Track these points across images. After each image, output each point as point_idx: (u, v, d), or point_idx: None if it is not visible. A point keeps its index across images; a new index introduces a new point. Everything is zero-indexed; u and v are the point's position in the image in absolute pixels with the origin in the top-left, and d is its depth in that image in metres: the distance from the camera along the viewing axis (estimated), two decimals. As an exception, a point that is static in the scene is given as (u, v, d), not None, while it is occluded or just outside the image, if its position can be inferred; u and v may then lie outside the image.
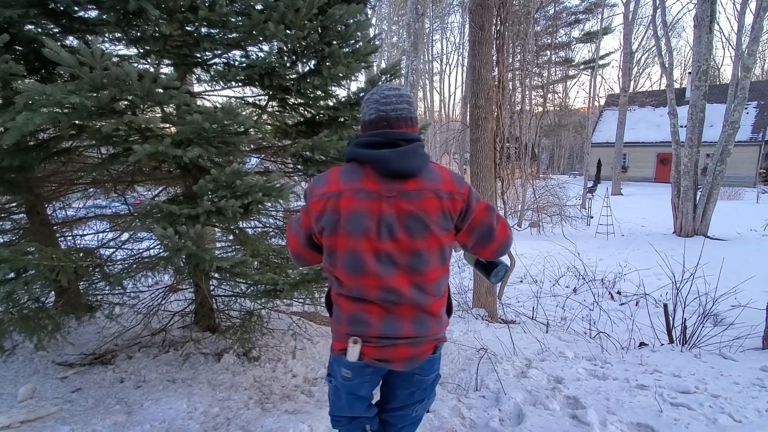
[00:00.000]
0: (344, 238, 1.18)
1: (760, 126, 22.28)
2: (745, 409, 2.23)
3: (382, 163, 1.16)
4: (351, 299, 1.23)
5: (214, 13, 1.95)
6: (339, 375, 1.31)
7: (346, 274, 1.20)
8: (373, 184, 1.17)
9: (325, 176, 1.23)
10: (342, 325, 1.25)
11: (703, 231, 10.13)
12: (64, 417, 2.12)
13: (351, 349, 1.21)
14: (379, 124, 1.20)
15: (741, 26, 12.93)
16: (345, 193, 1.17)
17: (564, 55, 29.82)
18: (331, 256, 1.22)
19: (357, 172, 1.19)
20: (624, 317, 4.64)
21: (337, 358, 1.30)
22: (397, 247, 1.18)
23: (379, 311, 1.21)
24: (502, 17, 4.87)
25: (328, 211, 1.17)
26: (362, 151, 1.19)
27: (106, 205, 4.05)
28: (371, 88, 2.66)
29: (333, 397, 1.41)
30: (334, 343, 1.31)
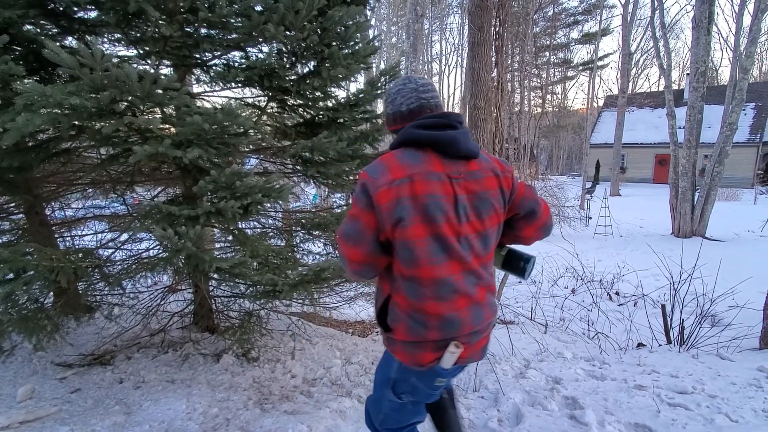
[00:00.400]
0: (425, 226, 1.10)
1: (758, 127, 22.36)
2: (742, 409, 2.24)
3: (452, 143, 1.13)
4: (438, 298, 1.14)
5: (215, 14, 1.95)
6: (422, 389, 1.24)
7: (432, 265, 1.11)
8: (440, 167, 1.13)
9: (381, 164, 1.12)
10: (430, 332, 1.15)
11: (701, 232, 10.16)
12: (63, 417, 2.12)
13: (450, 355, 1.15)
14: (422, 112, 1.20)
15: (739, 28, 12.99)
16: (416, 177, 1.09)
17: (563, 57, 29.90)
18: (410, 251, 1.11)
19: (418, 155, 1.13)
20: (622, 318, 4.65)
21: (422, 373, 1.20)
22: (472, 229, 1.16)
23: (465, 302, 1.16)
24: (501, 19, 4.89)
25: (402, 199, 1.08)
26: (426, 133, 1.13)
27: (105, 205, 4.05)
28: (371, 89, 2.70)
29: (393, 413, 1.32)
30: (418, 356, 1.17)
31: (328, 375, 2.83)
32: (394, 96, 1.24)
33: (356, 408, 2.35)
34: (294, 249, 3.23)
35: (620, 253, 8.99)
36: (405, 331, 1.17)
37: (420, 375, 1.20)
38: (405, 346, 1.19)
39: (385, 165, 1.12)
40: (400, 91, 1.23)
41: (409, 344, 1.18)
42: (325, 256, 3.20)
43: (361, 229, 1.13)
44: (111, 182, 3.04)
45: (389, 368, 1.27)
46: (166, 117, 2.01)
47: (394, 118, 1.24)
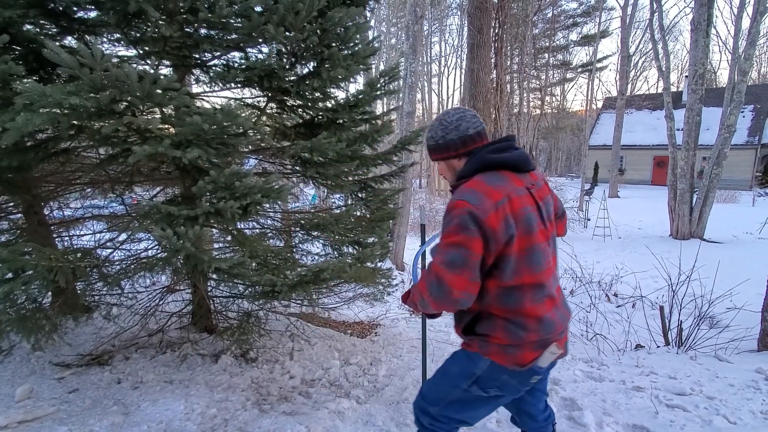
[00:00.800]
0: (525, 238, 1.22)
1: (756, 129, 22.43)
2: (740, 410, 2.25)
3: (524, 161, 1.30)
4: (536, 302, 1.26)
5: (215, 15, 1.96)
6: (514, 386, 1.32)
7: (534, 274, 1.24)
8: (519, 182, 1.28)
9: (476, 191, 1.21)
10: (531, 334, 1.25)
11: (700, 234, 10.18)
12: (61, 417, 2.11)
13: (550, 355, 1.27)
14: (483, 136, 1.35)
15: (738, 30, 13.05)
16: (511, 195, 1.22)
17: (562, 58, 29.97)
18: (515, 262, 1.21)
19: (499, 175, 1.27)
20: (620, 319, 4.66)
21: (519, 372, 1.28)
22: (550, 231, 1.35)
23: (551, 304, 1.30)
24: (500, 20, 4.90)
25: (507, 218, 1.19)
26: (503, 155, 1.28)
27: (103, 205, 4.05)
28: (370, 91, 2.70)
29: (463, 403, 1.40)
30: (518, 357, 1.26)
31: (326, 376, 2.82)
32: (457, 123, 1.34)
33: (354, 409, 2.35)
34: (293, 249, 3.23)
35: (619, 254, 9.01)
36: (504, 335, 1.27)
37: (515, 374, 1.29)
38: (504, 348, 1.28)
39: (481, 191, 1.21)
40: (462, 117, 1.35)
41: (508, 347, 1.27)
42: (324, 256, 3.20)
43: (467, 255, 1.18)
44: (110, 182, 3.04)
45: (474, 365, 1.34)
46: (166, 117, 2.01)
47: (462, 142, 1.34)
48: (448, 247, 1.21)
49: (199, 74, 2.68)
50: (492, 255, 1.21)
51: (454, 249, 1.20)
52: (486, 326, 1.30)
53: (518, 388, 1.35)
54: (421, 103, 30.44)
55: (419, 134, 3.25)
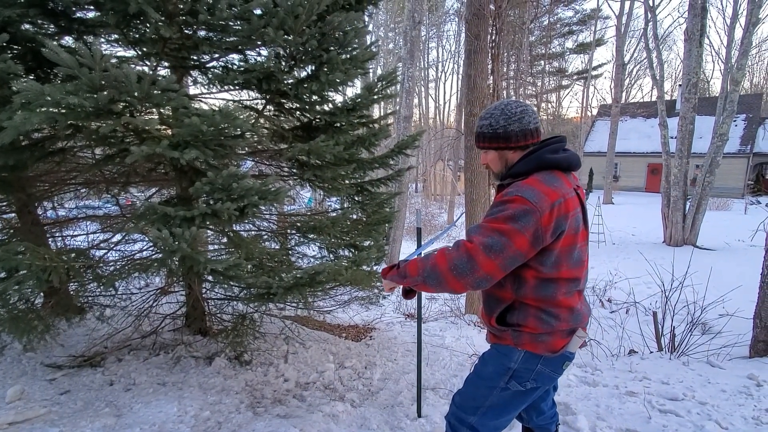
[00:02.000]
0: (570, 237, 1.29)
1: (748, 138, 22.71)
2: (731, 416, 2.27)
3: (575, 161, 1.36)
4: (569, 294, 1.34)
5: (214, 17, 1.96)
6: (547, 374, 1.38)
7: (571, 270, 1.32)
8: (569, 183, 1.33)
9: (535, 190, 1.24)
10: (562, 323, 1.33)
11: (693, 240, 10.28)
12: (52, 419, 2.09)
13: (578, 339, 1.36)
14: (540, 132, 1.40)
15: (730, 41, 13.23)
16: (566, 196, 1.27)
17: (558, 66, 30.23)
18: (558, 257, 1.28)
19: (554, 176, 1.31)
20: (614, 325, 4.68)
21: (552, 359, 1.36)
22: (588, 231, 1.42)
23: (579, 297, 1.40)
24: (497, 27, 4.94)
25: (560, 218, 1.24)
26: (559, 156, 1.33)
27: (97, 206, 4.02)
28: (368, 94, 2.72)
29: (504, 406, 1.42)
30: (550, 344, 1.34)
31: (321, 379, 2.82)
32: (520, 115, 1.37)
33: (349, 412, 2.35)
34: (289, 252, 3.23)
35: (613, 260, 9.06)
36: (536, 324, 1.33)
37: (548, 360, 1.36)
38: (536, 336, 1.34)
39: (540, 190, 1.25)
40: (525, 111, 1.37)
41: (540, 335, 1.34)
42: (320, 259, 3.20)
43: (506, 244, 1.22)
44: (105, 182, 3.02)
45: (508, 360, 1.39)
46: (164, 118, 2.01)
47: (523, 134, 1.37)
48: (492, 232, 1.24)
49: (197, 76, 2.68)
50: (536, 252, 1.26)
51: (497, 235, 1.23)
52: (518, 316, 1.36)
53: (551, 377, 1.39)
54: (417, 107, 30.56)
55: (416, 138, 3.26)
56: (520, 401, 1.43)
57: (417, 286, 1.39)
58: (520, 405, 1.44)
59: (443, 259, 1.29)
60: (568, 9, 26.13)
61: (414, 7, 7.24)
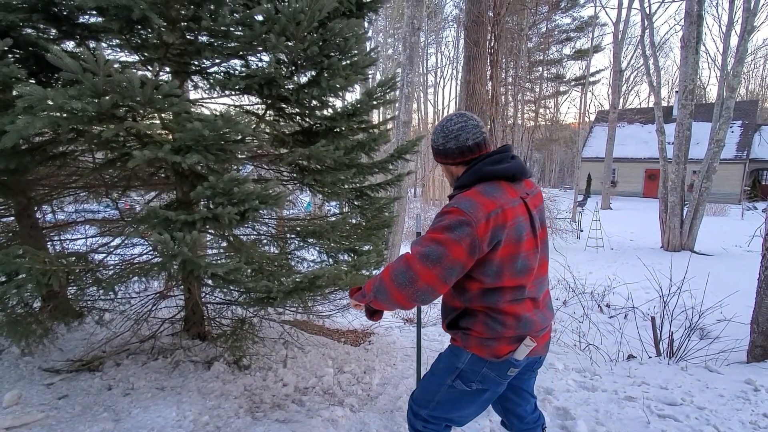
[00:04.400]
0: (511, 246, 1.29)
1: (745, 145, 22.88)
2: (729, 421, 2.27)
3: (521, 171, 1.36)
4: (515, 302, 1.34)
5: (217, 23, 1.98)
6: (493, 378, 1.39)
7: (515, 278, 1.32)
8: (513, 192, 1.34)
9: (472, 201, 1.26)
10: (507, 330, 1.33)
11: (690, 246, 10.31)
12: (50, 424, 2.08)
13: (525, 348, 1.35)
14: (482, 147, 1.39)
15: (726, 48, 13.37)
16: (505, 206, 1.27)
17: (555, 72, 30.42)
18: (497, 268, 1.29)
19: (496, 187, 1.31)
20: (613, 330, 4.69)
21: (496, 363, 1.37)
22: (541, 238, 1.41)
23: (533, 306, 1.39)
24: (495, 34, 4.99)
25: (497, 227, 1.25)
26: (500, 167, 1.33)
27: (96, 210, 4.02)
28: (368, 100, 2.74)
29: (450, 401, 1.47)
30: (495, 349, 1.35)
31: (320, 384, 2.81)
32: (457, 133, 1.38)
33: (348, 417, 2.34)
34: (288, 256, 3.23)
35: (611, 265, 9.08)
36: (482, 329, 1.36)
37: (493, 365, 1.38)
38: (482, 341, 1.36)
39: (475, 200, 1.26)
40: (463, 128, 1.38)
41: (486, 339, 1.36)
42: (320, 263, 3.20)
43: (443, 254, 1.24)
44: (105, 186, 3.03)
45: (456, 359, 1.43)
46: (166, 123, 2.02)
47: (460, 152, 1.39)
48: (430, 242, 1.27)
49: (198, 81, 2.70)
50: (474, 261, 1.27)
51: (434, 244, 1.25)
52: (468, 320, 1.39)
53: (498, 381, 1.41)
54: (417, 112, 30.71)
55: (415, 143, 3.28)
56: (469, 401, 1.46)
57: (373, 303, 1.45)
58: (471, 404, 1.47)
59: (387, 271, 1.34)
60: (565, 16, 26.36)
61: (413, 13, 7.30)
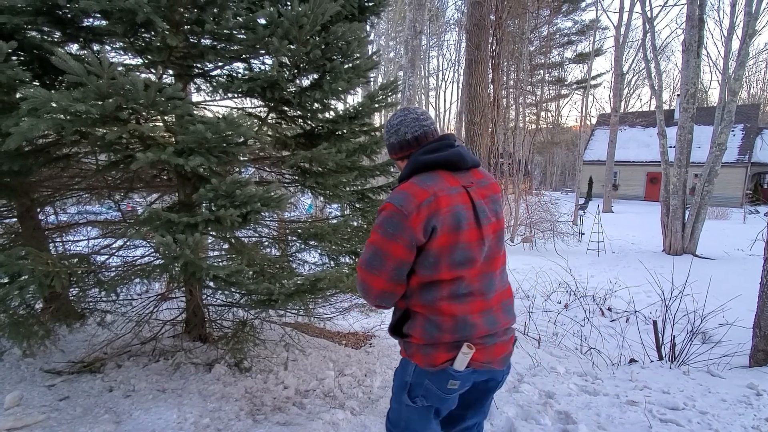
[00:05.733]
0: (449, 235, 1.20)
1: (746, 148, 22.85)
2: (732, 425, 2.26)
3: (459, 159, 1.27)
4: (453, 299, 1.22)
5: (220, 26, 2.00)
6: (434, 392, 1.25)
7: (453, 270, 1.21)
8: (454, 181, 1.26)
9: (404, 193, 1.21)
10: (444, 334, 1.21)
11: (692, 249, 10.29)
12: (51, 425, 2.08)
13: (463, 356, 1.20)
14: (426, 138, 1.34)
15: (728, 52, 13.38)
16: (439, 193, 1.20)
17: (557, 75, 30.49)
18: (434, 259, 1.20)
19: (433, 176, 1.25)
20: (614, 333, 4.67)
21: (436, 373, 1.23)
22: (491, 230, 1.29)
23: (479, 306, 1.25)
24: (497, 38, 5.01)
25: (431, 215, 1.18)
26: (435, 156, 1.27)
27: (99, 211, 4.03)
28: (370, 103, 2.75)
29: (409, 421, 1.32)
30: (431, 357, 1.23)
31: (321, 386, 2.81)
32: (397, 127, 1.36)
33: (349, 420, 2.34)
34: (290, 258, 3.24)
35: (612, 269, 9.06)
36: (420, 334, 1.24)
37: (433, 376, 1.24)
38: (420, 348, 1.25)
39: (408, 192, 1.21)
40: (402, 122, 1.35)
41: (423, 346, 1.24)
42: (321, 266, 3.20)
43: (383, 256, 1.21)
44: (108, 188, 3.04)
45: (405, 373, 1.31)
46: (168, 125, 2.03)
47: (400, 147, 1.36)
48: (369, 247, 1.24)
49: (201, 83, 2.71)
50: (414, 254, 1.21)
51: (372, 249, 1.23)
52: (409, 326, 1.28)
53: (440, 396, 1.26)
54: (418, 115, 30.69)
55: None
56: (423, 420, 1.30)
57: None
58: (423, 422, 1.31)
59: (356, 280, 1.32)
60: (567, 19, 26.46)
61: (415, 17, 7.33)
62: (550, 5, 20.52)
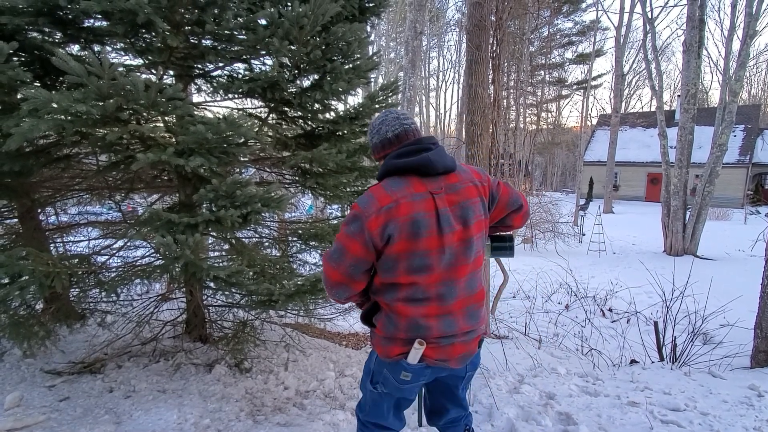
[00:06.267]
0: (407, 242, 1.23)
1: (747, 149, 22.82)
2: (733, 426, 2.26)
3: (428, 164, 1.27)
4: (409, 302, 1.28)
5: (221, 27, 2.00)
6: (391, 380, 1.36)
7: (409, 276, 1.26)
8: (421, 186, 1.26)
9: (370, 195, 1.26)
10: (399, 332, 1.30)
11: (693, 250, 10.27)
12: (51, 426, 2.08)
13: (415, 351, 1.28)
14: (407, 136, 1.35)
15: (728, 52, 13.37)
16: (401, 200, 1.23)
17: (557, 76, 30.46)
18: (393, 262, 1.25)
19: (401, 181, 1.27)
20: (615, 334, 4.67)
21: (391, 364, 1.34)
22: (456, 238, 1.27)
23: (436, 310, 1.29)
24: (498, 38, 5.00)
25: (389, 222, 1.21)
26: (403, 161, 1.28)
27: (99, 212, 4.04)
28: (370, 103, 2.75)
29: (372, 405, 1.48)
30: (388, 349, 1.33)
31: (321, 387, 2.80)
32: (378, 126, 1.39)
33: (350, 421, 2.34)
34: (290, 259, 3.24)
35: (613, 269, 9.05)
36: (381, 327, 1.35)
37: (389, 366, 1.36)
38: (381, 339, 1.35)
39: (374, 195, 1.25)
40: (383, 121, 1.38)
41: (383, 338, 1.35)
42: (321, 266, 3.20)
43: (343, 251, 1.27)
44: (108, 189, 3.04)
45: (371, 360, 1.45)
46: (169, 126, 2.04)
47: (382, 145, 1.38)
48: (335, 241, 1.32)
49: (201, 84, 2.72)
50: (373, 254, 1.27)
51: (336, 243, 1.30)
52: (376, 317, 1.38)
53: (395, 386, 1.37)
54: (418, 116, 30.76)
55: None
56: (384, 406, 1.45)
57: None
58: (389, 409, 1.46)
59: None
60: (567, 20, 26.44)
61: (415, 17, 7.33)
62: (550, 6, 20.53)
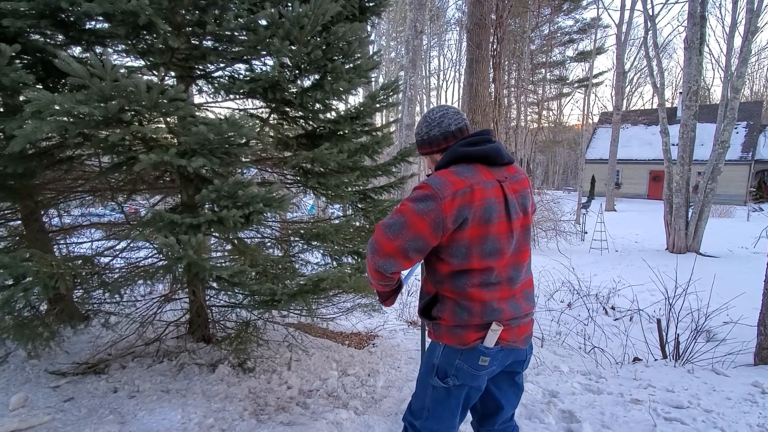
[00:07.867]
0: (480, 227, 1.27)
1: (750, 146, 22.73)
2: (737, 424, 2.25)
3: (496, 153, 1.35)
4: (484, 287, 1.31)
5: (222, 28, 2.00)
6: (465, 369, 1.34)
7: (483, 260, 1.29)
8: (489, 175, 1.33)
9: (442, 178, 1.28)
10: (474, 317, 1.31)
11: (695, 248, 10.24)
12: (56, 426, 2.09)
13: (492, 333, 1.31)
14: (464, 131, 1.42)
15: (730, 49, 13.30)
16: (475, 186, 1.27)
17: (558, 74, 30.41)
18: (465, 249, 1.28)
19: (469, 167, 1.32)
20: (618, 332, 4.66)
21: (467, 351, 1.33)
22: (520, 224, 1.37)
23: (507, 293, 1.35)
24: (498, 36, 5.00)
25: (463, 206, 1.25)
26: (474, 149, 1.34)
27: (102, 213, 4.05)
28: (371, 103, 2.75)
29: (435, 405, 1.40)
30: (462, 336, 1.32)
31: (324, 386, 2.81)
32: (440, 119, 1.43)
33: (353, 420, 2.34)
34: (292, 259, 3.24)
35: (616, 267, 9.02)
36: (450, 317, 1.34)
37: (464, 355, 1.34)
38: (450, 329, 1.35)
39: (447, 179, 1.28)
40: (444, 114, 1.43)
41: (453, 327, 1.34)
42: (324, 266, 3.21)
43: (405, 225, 1.27)
44: (111, 190, 3.05)
45: (433, 355, 1.40)
46: (171, 127, 2.04)
47: (444, 137, 1.42)
48: (395, 213, 1.30)
49: (203, 85, 2.72)
50: (438, 239, 1.28)
51: (398, 216, 1.29)
52: (439, 308, 1.38)
53: (472, 374, 1.35)
54: (419, 115, 30.78)
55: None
56: (450, 400, 1.39)
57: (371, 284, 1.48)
58: (450, 407, 1.39)
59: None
60: (568, 18, 26.38)
61: (416, 16, 7.33)
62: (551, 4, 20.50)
